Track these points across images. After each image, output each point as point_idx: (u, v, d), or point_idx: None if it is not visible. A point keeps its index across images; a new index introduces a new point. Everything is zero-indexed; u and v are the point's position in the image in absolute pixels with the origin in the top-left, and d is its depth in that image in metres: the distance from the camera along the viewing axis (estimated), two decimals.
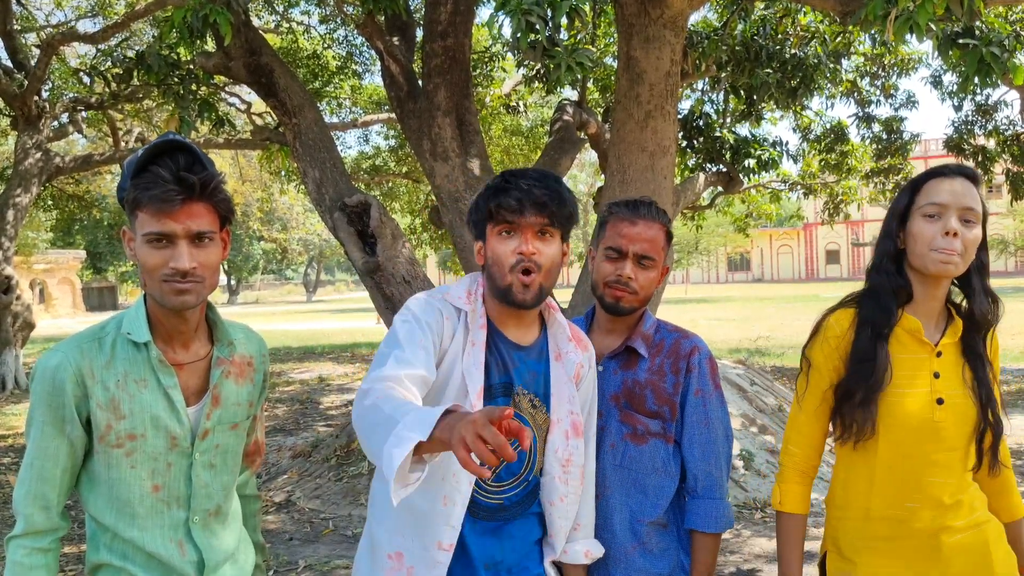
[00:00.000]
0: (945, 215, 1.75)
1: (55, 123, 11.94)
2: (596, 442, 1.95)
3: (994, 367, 1.88)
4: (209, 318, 1.75)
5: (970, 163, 10.33)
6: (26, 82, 10.91)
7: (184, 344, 1.69)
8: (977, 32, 3.50)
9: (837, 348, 1.85)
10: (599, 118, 8.43)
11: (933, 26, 3.19)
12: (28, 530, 1.59)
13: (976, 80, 3.47)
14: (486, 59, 10.73)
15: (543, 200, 1.70)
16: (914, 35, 3.07)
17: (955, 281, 1.85)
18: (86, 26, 12.73)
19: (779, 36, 7.55)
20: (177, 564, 1.66)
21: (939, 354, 1.82)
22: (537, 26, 3.31)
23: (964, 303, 1.86)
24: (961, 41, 3.46)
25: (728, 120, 8.98)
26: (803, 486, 1.94)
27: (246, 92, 12.79)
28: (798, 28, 7.79)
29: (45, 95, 11.55)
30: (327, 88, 12.23)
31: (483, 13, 15.78)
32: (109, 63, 9.09)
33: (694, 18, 8.14)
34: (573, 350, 1.85)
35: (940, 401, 1.79)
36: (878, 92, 10.09)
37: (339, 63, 12.26)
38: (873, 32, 7.03)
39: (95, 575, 1.67)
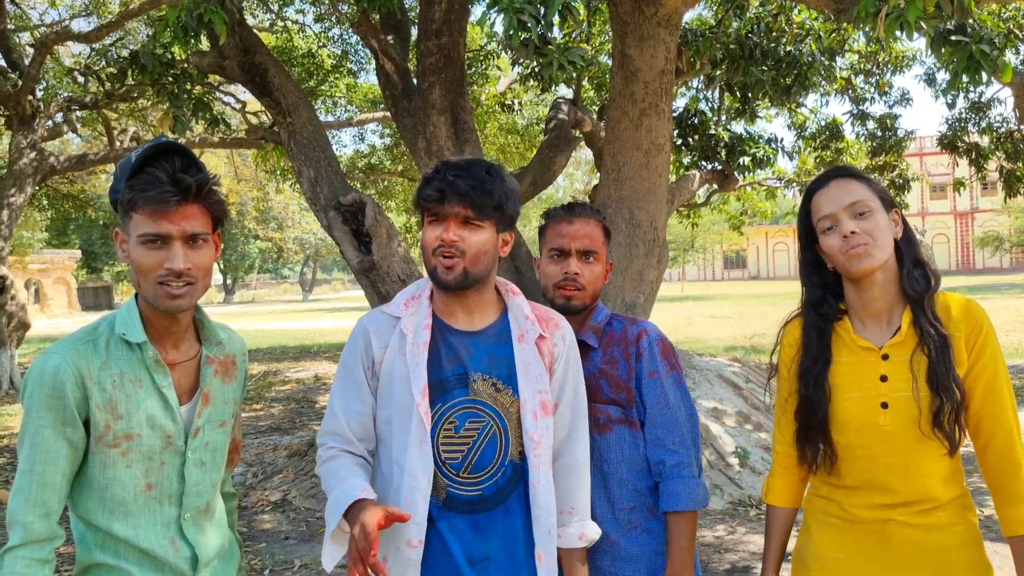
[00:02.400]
0: (838, 223, 1.79)
1: (49, 122, 11.90)
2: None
3: (972, 348, 1.77)
4: (196, 318, 1.77)
5: (964, 160, 10.36)
6: (20, 81, 10.88)
7: (175, 344, 1.72)
8: (968, 29, 3.51)
9: (793, 359, 1.91)
10: (594, 116, 8.44)
11: (924, 24, 3.20)
12: (28, 539, 1.54)
13: (965, 77, 3.49)
14: (481, 57, 10.73)
15: (464, 190, 1.75)
16: (905, 32, 3.08)
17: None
18: (80, 25, 12.75)
19: (773, 34, 7.56)
20: (171, 560, 1.67)
21: (885, 356, 1.79)
22: (529, 24, 3.31)
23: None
24: (953, 38, 3.47)
25: (723, 118, 8.99)
26: (787, 481, 1.99)
27: (241, 91, 12.76)
28: (792, 26, 7.80)
29: (39, 94, 11.51)
30: (322, 87, 12.22)
31: (478, 11, 15.77)
32: (103, 62, 9.08)
33: (688, 16, 8.16)
34: (532, 327, 1.87)
35: (885, 405, 1.78)
36: (872, 89, 10.11)
37: (334, 62, 12.25)
38: (866, 29, 7.04)
39: (87, 575, 1.67)
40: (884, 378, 1.79)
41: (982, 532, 1.86)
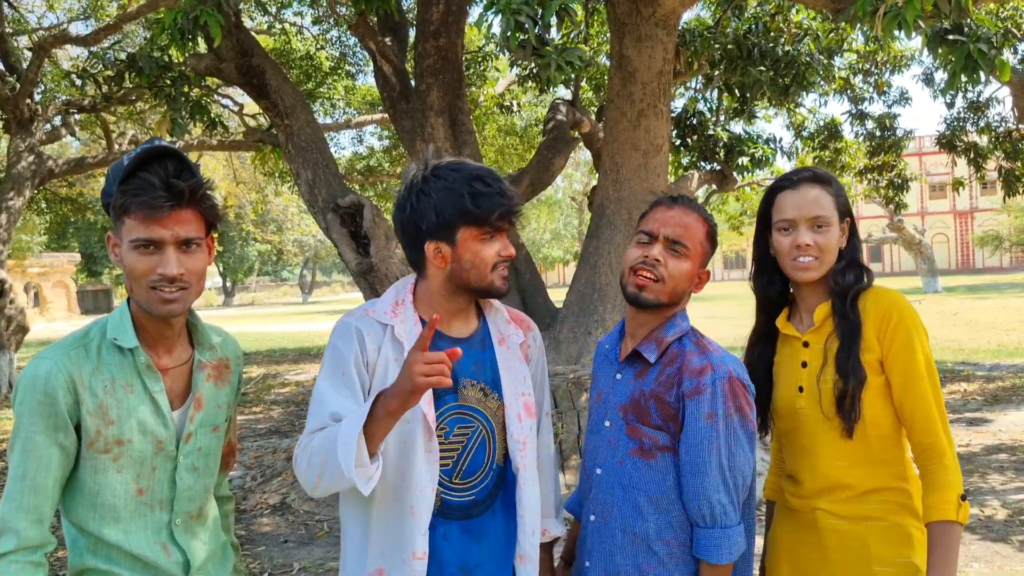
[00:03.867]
0: (795, 228, 1.86)
1: (48, 126, 11.90)
2: (607, 456, 1.88)
3: (894, 344, 1.79)
4: (189, 322, 1.76)
5: (962, 160, 10.37)
6: (18, 85, 10.88)
7: (168, 349, 1.70)
8: (965, 29, 3.51)
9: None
10: (593, 117, 8.43)
11: (922, 23, 3.20)
12: (20, 546, 1.53)
13: (963, 77, 3.48)
14: (479, 58, 10.73)
15: (517, 209, 1.80)
16: (902, 31, 3.07)
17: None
18: (78, 28, 12.73)
19: (772, 34, 7.57)
20: (163, 565, 1.66)
21: (805, 344, 1.90)
22: (526, 25, 3.31)
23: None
24: (950, 37, 3.47)
25: (721, 118, 8.99)
26: (780, 477, 2.07)
27: (239, 94, 12.76)
28: (791, 26, 7.80)
29: (37, 98, 11.51)
30: (320, 89, 12.22)
31: (475, 13, 15.76)
32: (101, 66, 9.08)
33: (686, 16, 8.15)
34: (514, 331, 1.91)
35: (800, 389, 1.89)
36: (871, 89, 10.12)
37: (332, 64, 12.25)
38: (864, 29, 7.04)
39: None
40: (804, 364, 1.89)
41: (982, 532, 1.86)
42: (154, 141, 1.63)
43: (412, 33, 7.14)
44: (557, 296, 5.71)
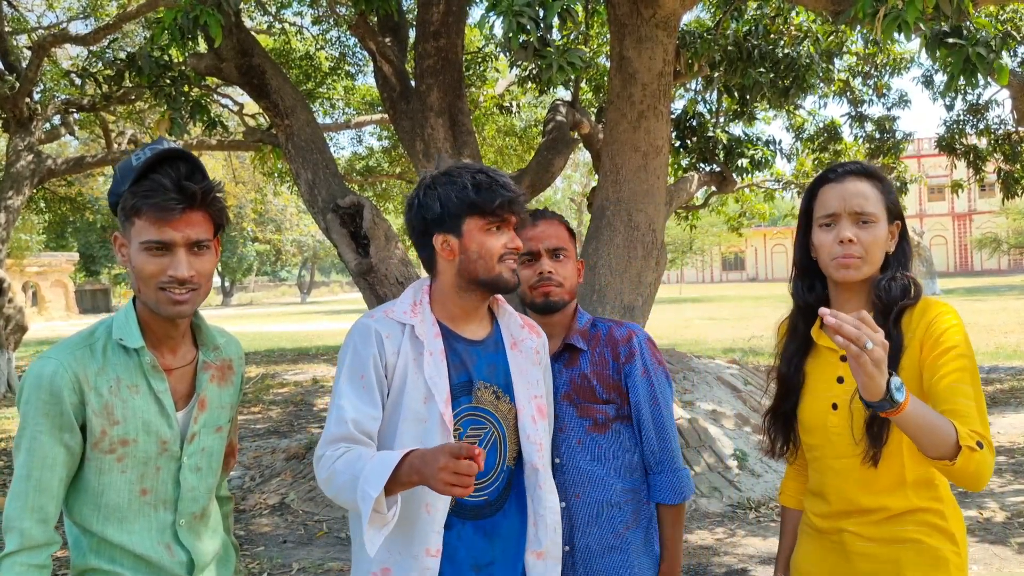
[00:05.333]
0: (838, 223, 1.73)
1: (47, 125, 11.89)
2: (561, 442, 2.04)
3: (938, 347, 1.65)
4: (193, 323, 1.77)
5: (962, 162, 10.38)
6: (18, 84, 10.86)
7: (172, 349, 1.71)
8: (964, 32, 3.51)
9: (780, 342, 1.94)
10: (592, 118, 8.44)
11: (923, 25, 3.20)
12: (25, 545, 1.53)
13: (962, 80, 3.49)
14: (479, 59, 10.73)
15: (523, 201, 1.85)
16: (902, 33, 3.08)
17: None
18: (78, 28, 12.69)
19: (772, 36, 7.57)
20: (167, 565, 1.67)
21: (843, 358, 1.73)
22: (528, 27, 3.31)
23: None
24: (950, 40, 3.47)
25: (721, 120, 9.00)
26: (797, 482, 2.00)
27: (238, 93, 12.75)
28: (791, 28, 7.81)
29: (37, 97, 11.50)
30: (320, 89, 12.21)
31: (476, 13, 15.77)
32: (100, 65, 9.07)
33: (687, 18, 8.15)
34: (528, 336, 1.95)
35: (835, 407, 1.75)
36: (871, 91, 10.13)
37: (332, 64, 12.24)
38: (864, 31, 7.05)
39: None
40: (840, 380, 1.76)
41: (981, 535, 1.84)
42: (163, 142, 1.64)
43: (412, 33, 7.14)
44: None
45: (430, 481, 1.50)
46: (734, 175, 8.64)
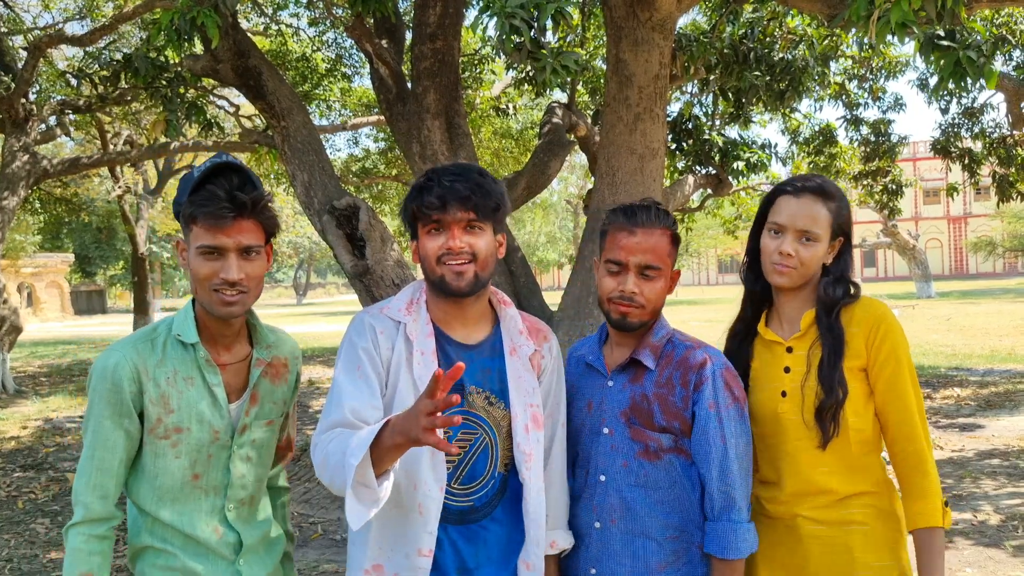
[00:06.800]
0: (784, 234, 1.89)
1: (42, 126, 11.85)
2: (609, 462, 1.90)
3: (880, 352, 1.84)
4: (249, 322, 1.91)
5: (957, 165, 10.41)
6: (13, 85, 10.84)
7: (227, 346, 1.86)
8: (957, 35, 3.52)
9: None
10: (589, 120, 8.44)
11: (916, 28, 3.21)
12: (87, 517, 1.70)
13: (951, 83, 3.51)
14: (476, 61, 10.74)
15: (466, 194, 1.74)
16: (896, 36, 3.09)
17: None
18: (74, 28, 12.70)
19: (767, 39, 7.59)
20: (214, 545, 1.80)
21: (789, 349, 1.92)
22: (522, 28, 3.31)
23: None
24: (943, 44, 3.48)
25: (717, 123, 9.01)
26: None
27: (235, 95, 12.75)
28: (786, 31, 7.83)
29: (32, 97, 11.48)
30: (316, 90, 12.19)
31: (472, 16, 15.79)
32: (96, 66, 9.06)
33: (683, 21, 8.16)
34: (525, 342, 1.89)
35: (784, 394, 1.90)
36: (866, 95, 10.15)
37: (328, 65, 12.23)
38: (858, 34, 7.08)
39: (138, 557, 1.81)
40: (787, 369, 1.91)
41: (975, 537, 1.89)
42: (221, 156, 1.80)
43: (408, 35, 7.14)
44: (552, 299, 5.71)
45: (412, 431, 1.43)
46: (730, 178, 8.64)
